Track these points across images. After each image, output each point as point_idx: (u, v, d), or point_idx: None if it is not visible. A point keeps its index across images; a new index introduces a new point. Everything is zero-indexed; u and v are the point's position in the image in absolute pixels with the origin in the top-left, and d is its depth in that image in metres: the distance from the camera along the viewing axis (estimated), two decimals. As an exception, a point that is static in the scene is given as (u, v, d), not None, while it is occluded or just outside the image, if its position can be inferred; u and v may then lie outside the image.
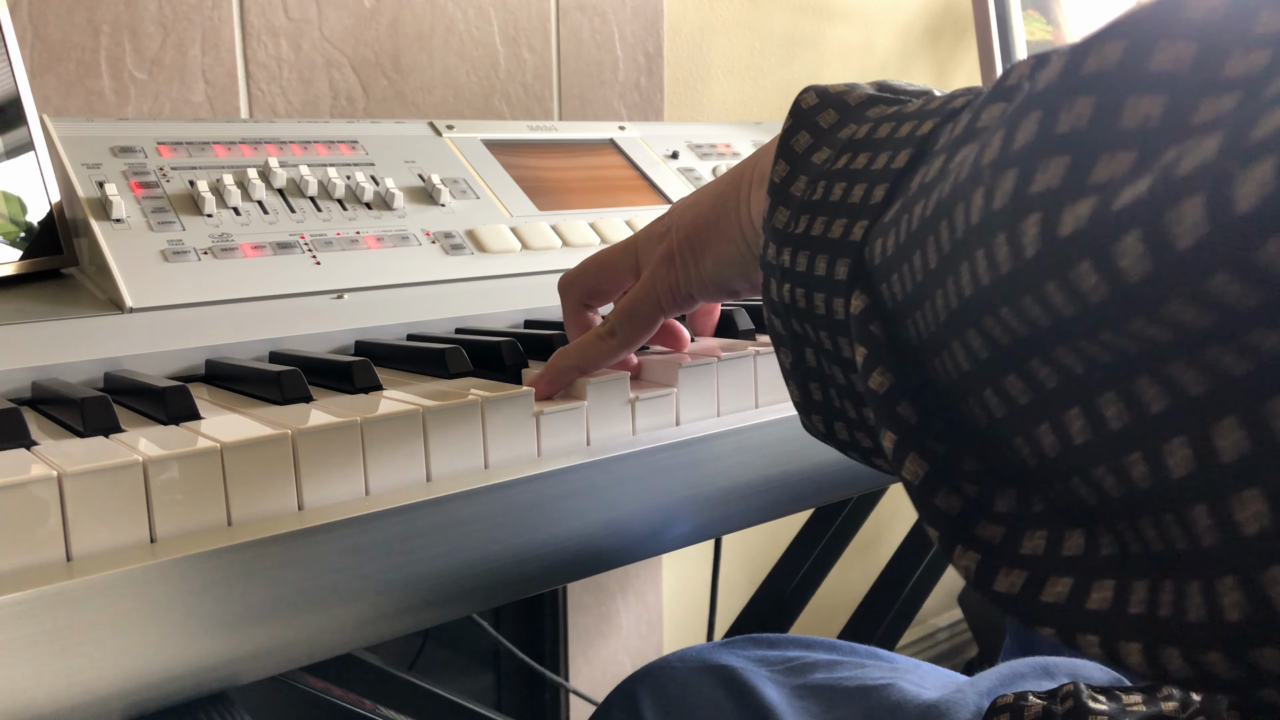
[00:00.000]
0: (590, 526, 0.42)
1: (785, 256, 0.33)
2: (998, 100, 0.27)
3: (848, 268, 0.30)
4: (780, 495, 0.49)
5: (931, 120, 0.30)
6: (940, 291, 0.25)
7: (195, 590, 0.33)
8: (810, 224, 0.32)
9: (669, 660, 0.58)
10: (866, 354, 0.28)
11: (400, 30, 0.94)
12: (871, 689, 0.51)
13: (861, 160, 0.32)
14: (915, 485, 0.26)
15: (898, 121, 0.32)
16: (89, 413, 0.39)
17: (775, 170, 0.35)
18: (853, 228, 0.30)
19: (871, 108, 0.34)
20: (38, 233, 0.59)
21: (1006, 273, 0.22)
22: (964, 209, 0.24)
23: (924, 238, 0.26)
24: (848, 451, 0.35)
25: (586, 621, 1.20)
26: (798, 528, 1.16)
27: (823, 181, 0.33)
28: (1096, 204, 0.20)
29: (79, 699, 0.31)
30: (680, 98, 1.23)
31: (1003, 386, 0.24)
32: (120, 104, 0.80)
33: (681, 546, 0.47)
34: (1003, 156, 0.23)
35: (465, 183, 0.74)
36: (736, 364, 0.50)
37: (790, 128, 0.36)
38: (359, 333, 0.58)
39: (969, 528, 0.25)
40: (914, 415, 0.27)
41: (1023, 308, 0.22)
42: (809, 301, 0.32)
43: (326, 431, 0.37)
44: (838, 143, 0.33)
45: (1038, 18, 1.09)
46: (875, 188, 0.30)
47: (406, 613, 0.38)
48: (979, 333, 0.24)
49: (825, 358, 0.33)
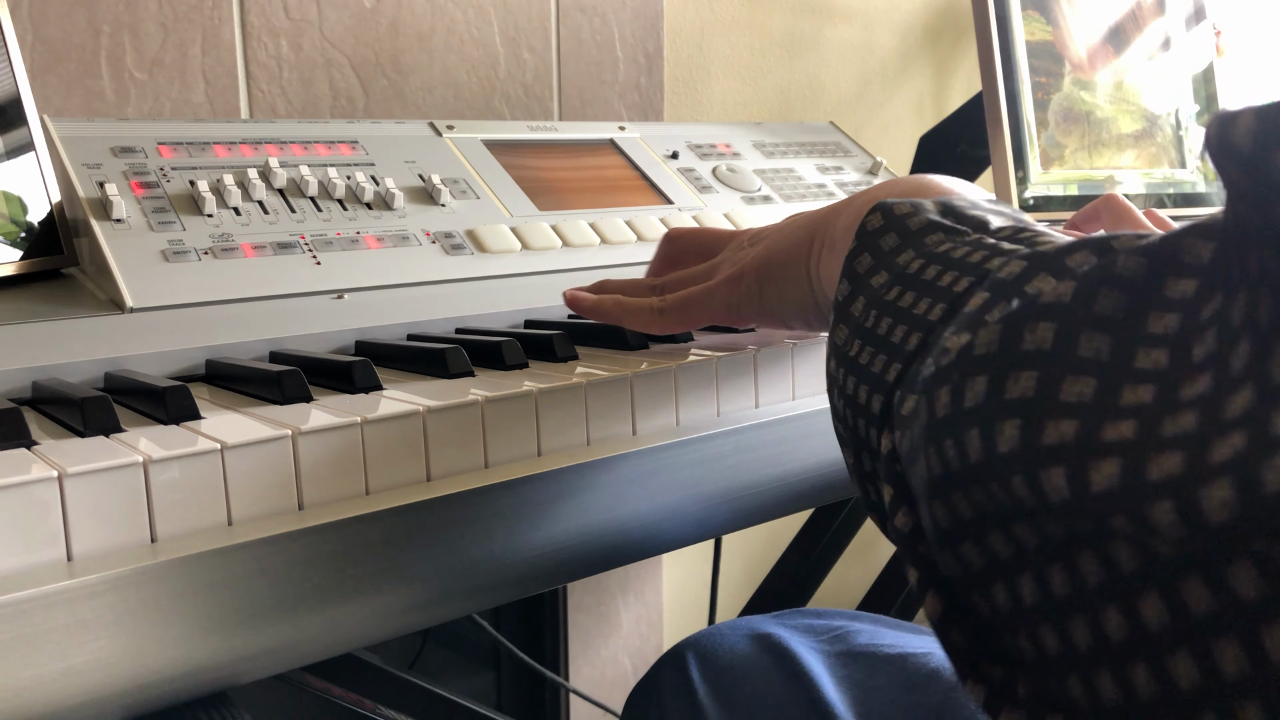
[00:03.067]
0: (590, 526, 0.42)
1: (840, 374, 0.35)
2: (1006, 293, 0.27)
3: (880, 404, 0.32)
4: (780, 495, 0.49)
5: (966, 279, 0.31)
6: (919, 461, 0.26)
7: (195, 590, 0.33)
8: (860, 351, 0.34)
9: (719, 628, 0.61)
10: (893, 494, 0.30)
11: (400, 30, 0.94)
12: (909, 656, 0.53)
13: (908, 299, 0.33)
14: (934, 621, 0.27)
15: (943, 266, 0.33)
16: (89, 413, 0.39)
17: (839, 289, 0.37)
18: (889, 368, 0.32)
19: (930, 235, 0.35)
20: (38, 233, 0.59)
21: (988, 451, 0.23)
22: (982, 440, 0.24)
23: (934, 438, 0.26)
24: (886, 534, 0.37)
25: (586, 621, 1.20)
26: (798, 528, 1.16)
27: (874, 311, 0.34)
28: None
29: (79, 699, 0.31)
30: (680, 98, 1.23)
31: (1016, 584, 0.24)
32: (120, 104, 0.80)
33: (681, 546, 0.47)
34: (954, 415, 0.24)
35: (465, 183, 0.74)
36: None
37: (854, 249, 0.37)
38: (359, 333, 0.58)
39: (975, 664, 0.26)
40: (931, 555, 0.28)
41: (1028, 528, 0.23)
42: (852, 422, 0.34)
43: (327, 431, 0.37)
44: (894, 269, 0.35)
45: (1038, 18, 1.09)
46: (911, 334, 0.32)
47: (407, 612, 0.38)
48: (976, 545, 0.25)
49: (868, 473, 0.35)
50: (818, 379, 0.53)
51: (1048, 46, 1.09)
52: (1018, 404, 0.23)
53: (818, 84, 1.39)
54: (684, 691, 0.57)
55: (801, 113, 1.36)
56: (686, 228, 0.57)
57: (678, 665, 0.58)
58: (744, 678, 0.55)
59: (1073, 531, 0.21)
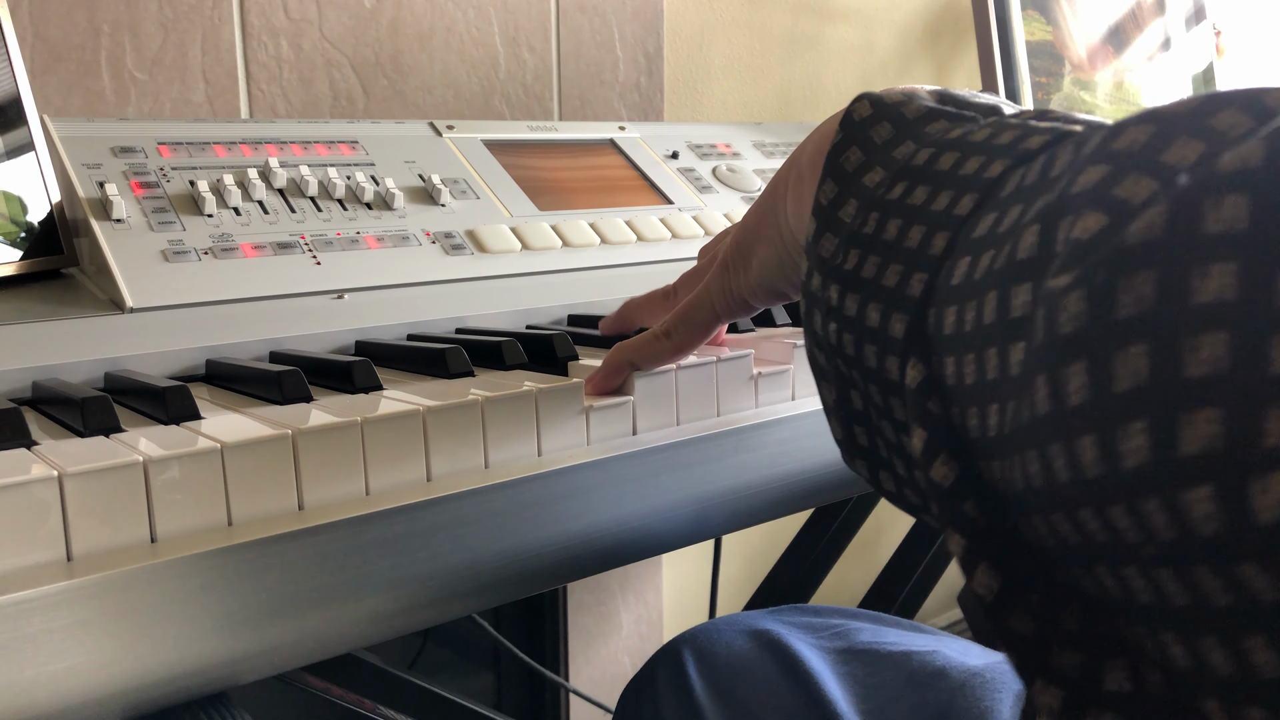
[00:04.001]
0: (590, 526, 0.42)
1: (832, 293, 0.30)
2: (1073, 144, 0.23)
3: (904, 326, 0.27)
4: (780, 495, 0.49)
5: (1001, 162, 0.27)
6: (1023, 396, 0.21)
7: (195, 590, 0.33)
8: (861, 262, 0.29)
9: (715, 624, 0.58)
10: (927, 438, 0.25)
11: (400, 30, 0.94)
12: (914, 654, 0.51)
13: (920, 195, 0.28)
14: (988, 602, 0.23)
15: (962, 153, 0.28)
16: (89, 412, 0.39)
17: (822, 190, 0.32)
18: (910, 279, 0.27)
19: (931, 123, 0.31)
20: (38, 233, 0.59)
21: (1118, 393, 0.18)
22: (1045, 320, 0.20)
23: (1000, 332, 0.22)
24: (893, 501, 0.32)
25: (586, 621, 1.20)
26: (798, 528, 1.16)
27: (875, 213, 0.29)
28: None
29: (79, 699, 0.31)
30: (680, 98, 1.23)
31: (1078, 518, 0.20)
32: (120, 104, 0.80)
33: (681, 547, 0.47)
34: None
35: (465, 183, 0.74)
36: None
37: (840, 142, 0.32)
38: (359, 333, 0.58)
39: (1046, 654, 0.22)
40: (981, 516, 0.23)
41: (1123, 437, 0.18)
42: (858, 350, 0.29)
43: (327, 431, 0.37)
44: (893, 164, 0.30)
45: (1038, 18, 1.09)
46: (935, 234, 0.27)
47: (406, 613, 0.38)
48: (1064, 451, 0.20)
49: (874, 409, 0.30)
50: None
51: (1048, 46, 1.09)
52: (1213, 310, 0.17)
53: (818, 84, 1.39)
54: (680, 687, 0.56)
55: (801, 113, 1.36)
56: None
57: (674, 661, 0.57)
58: (742, 674, 0.54)
59: None
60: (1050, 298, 0.20)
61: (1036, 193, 0.24)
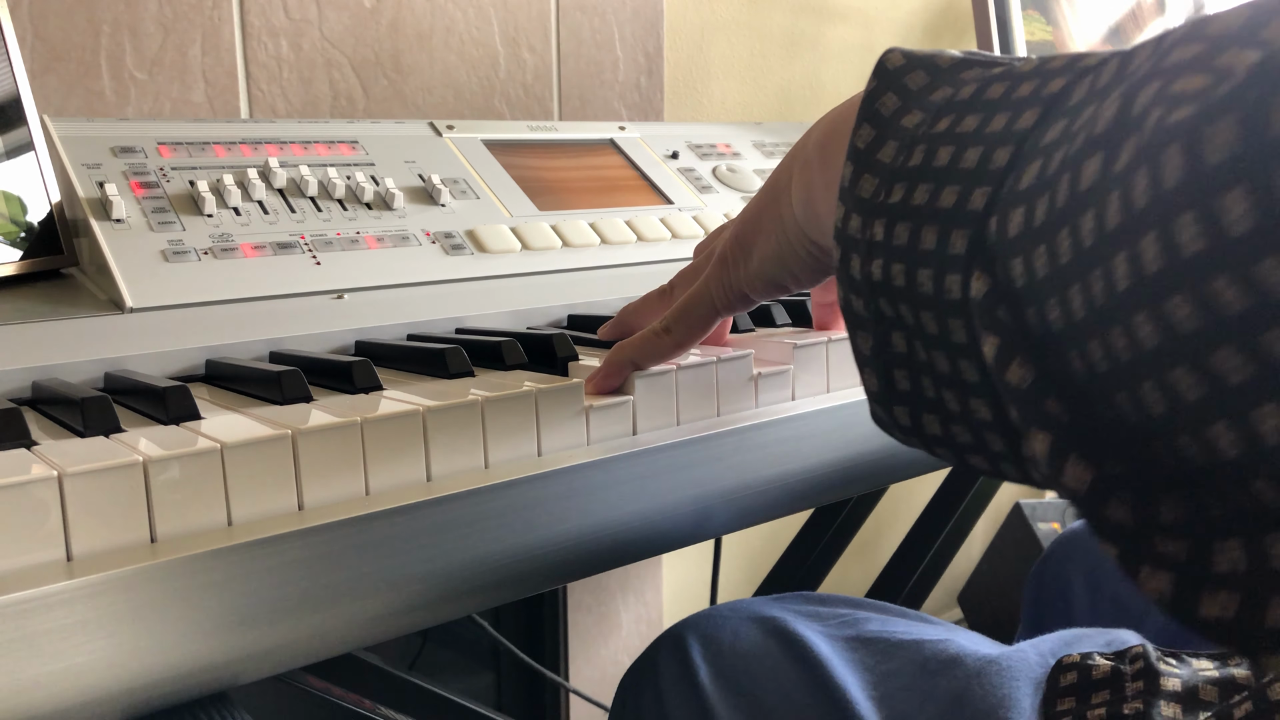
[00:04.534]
0: (590, 526, 0.42)
1: (876, 229, 0.30)
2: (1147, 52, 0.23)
3: (966, 240, 0.27)
4: (780, 495, 0.49)
5: (1060, 79, 0.27)
6: (1101, 271, 0.22)
7: (195, 590, 0.33)
8: (910, 192, 0.29)
9: (718, 610, 0.57)
10: (1000, 343, 0.25)
11: (400, 30, 0.94)
12: (926, 643, 0.50)
13: (970, 123, 0.29)
14: (1082, 495, 0.23)
15: (1012, 81, 0.29)
16: (89, 413, 0.39)
17: (858, 135, 0.32)
18: (970, 195, 0.27)
19: (965, 70, 0.31)
20: (38, 233, 0.59)
21: (1199, 251, 0.19)
22: (1149, 172, 0.20)
23: (1078, 210, 0.23)
24: (935, 448, 0.32)
25: (586, 621, 1.20)
26: (798, 527, 1.16)
27: (921, 146, 0.30)
28: None
29: (79, 699, 0.31)
30: (680, 98, 1.23)
31: (1169, 381, 0.20)
32: (120, 104, 0.80)
33: (681, 547, 0.47)
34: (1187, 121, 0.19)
35: (465, 183, 0.74)
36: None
37: (874, 89, 0.33)
38: (359, 333, 0.58)
39: (1150, 542, 0.22)
40: (1064, 412, 0.24)
41: (1211, 293, 0.19)
42: (910, 279, 0.29)
43: (327, 431, 0.37)
44: (932, 106, 0.31)
45: (1038, 18, 1.09)
46: (995, 151, 0.27)
47: (406, 613, 0.38)
48: (1152, 318, 0.20)
49: (923, 342, 0.30)
50: (817, 379, 0.53)
51: (1048, 46, 1.09)
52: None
53: (818, 84, 1.39)
54: (684, 673, 0.54)
55: (801, 113, 1.36)
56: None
57: (677, 647, 0.55)
58: (748, 659, 0.52)
59: None
60: (1152, 151, 0.20)
61: (1114, 86, 0.24)
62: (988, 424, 0.29)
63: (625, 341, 0.47)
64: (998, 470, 0.30)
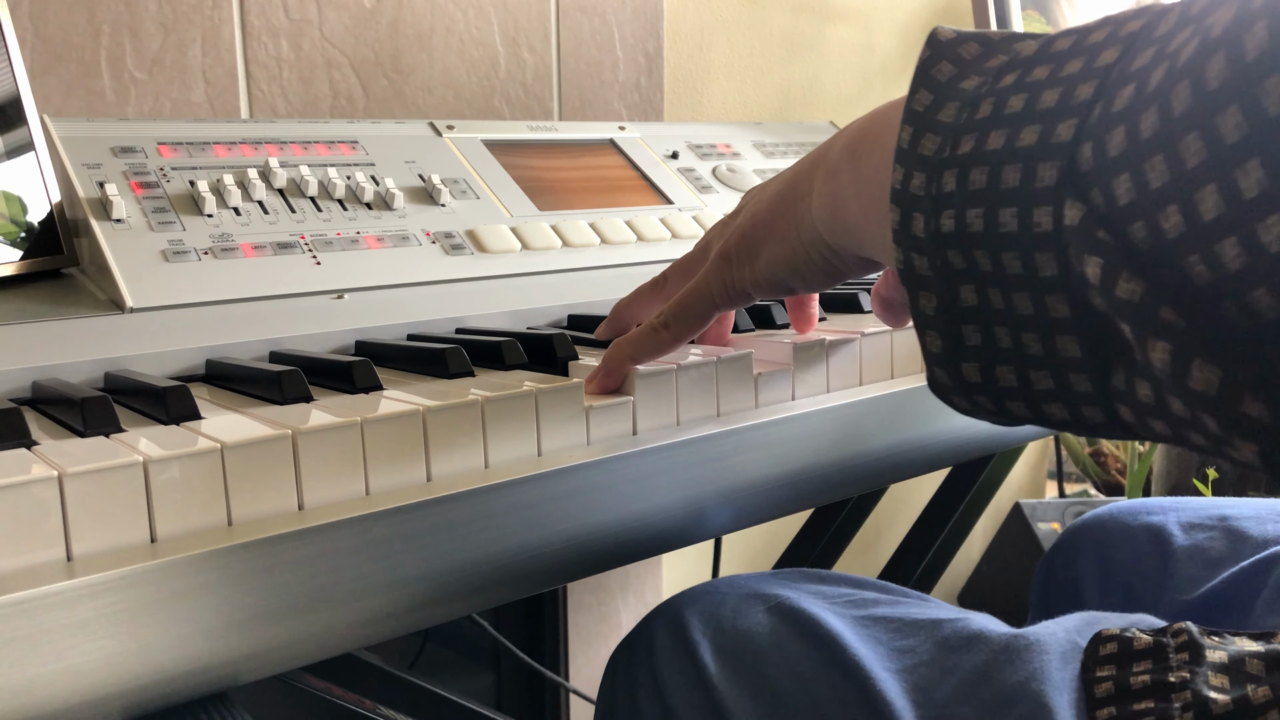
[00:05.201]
0: (590, 526, 0.42)
1: (947, 179, 0.31)
2: None
3: (1056, 171, 0.28)
4: (780, 495, 0.49)
5: (1137, 21, 0.28)
6: (1214, 186, 0.22)
7: (195, 590, 0.33)
8: (982, 140, 0.30)
9: (715, 585, 0.55)
10: (1104, 263, 0.25)
11: (400, 30, 0.94)
12: (943, 621, 0.48)
13: (1041, 72, 0.30)
14: (1213, 395, 0.23)
15: (1079, 35, 0.29)
16: (89, 413, 0.39)
17: (915, 99, 0.33)
18: (1054, 130, 0.28)
19: (1018, 40, 0.32)
20: (38, 233, 0.59)
21: None
22: None
23: (1209, 111, 0.23)
24: (1007, 402, 0.32)
25: (586, 621, 1.20)
26: (798, 527, 1.16)
27: (989, 99, 0.30)
28: None
29: (79, 699, 0.31)
30: (680, 98, 1.23)
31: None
32: (120, 104, 0.80)
33: (681, 546, 0.47)
34: None
35: (465, 183, 0.74)
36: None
37: (929, 58, 0.33)
38: (359, 333, 0.58)
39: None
40: (1180, 319, 0.24)
41: None
42: (989, 221, 0.29)
43: (327, 431, 0.37)
44: (990, 71, 0.32)
45: (1038, 18, 1.09)
46: (1077, 88, 0.28)
47: (406, 613, 0.38)
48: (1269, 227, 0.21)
49: (1002, 286, 0.30)
50: (817, 379, 0.53)
51: (1048, 46, 1.09)
52: None
53: (818, 84, 1.39)
54: (682, 650, 0.51)
55: (801, 113, 1.36)
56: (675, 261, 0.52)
57: (674, 620, 0.52)
58: (753, 637, 0.50)
59: None
60: None
61: (1212, 9, 0.24)
62: (1074, 362, 0.29)
63: (623, 338, 0.47)
64: (1078, 416, 0.30)
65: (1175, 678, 0.40)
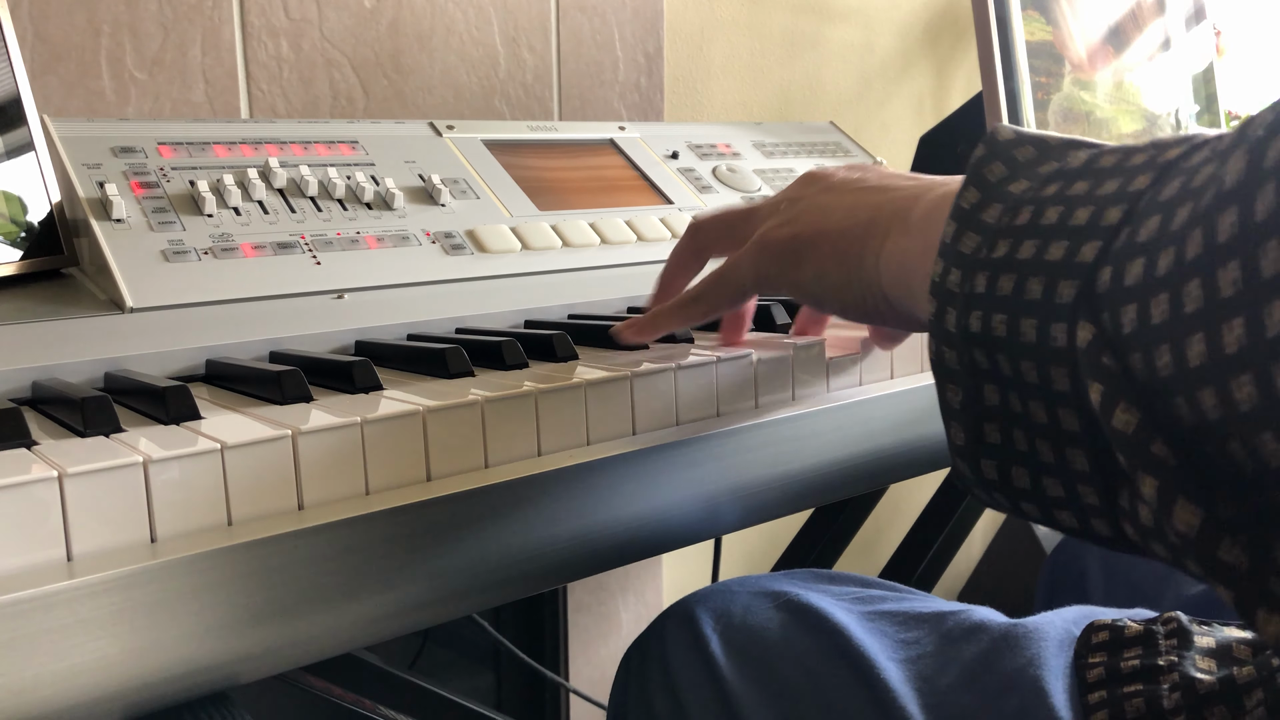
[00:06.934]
0: (590, 526, 0.42)
1: (978, 280, 0.31)
2: None
3: (1074, 289, 0.28)
4: (780, 495, 0.49)
5: (1176, 148, 0.29)
6: (1202, 335, 0.23)
7: (195, 590, 0.33)
8: (1015, 248, 0.31)
9: (726, 584, 0.56)
10: (1104, 390, 0.26)
11: (400, 30, 0.94)
12: (946, 614, 0.50)
13: (1081, 187, 0.30)
14: (1193, 538, 0.23)
15: (1124, 154, 0.30)
16: (89, 413, 0.39)
17: (964, 197, 0.34)
18: (1079, 249, 0.29)
19: (1074, 149, 0.33)
20: (38, 233, 0.59)
21: None
22: None
23: (1217, 261, 0.23)
24: (1021, 503, 0.33)
25: (586, 621, 1.20)
26: (798, 527, 1.16)
27: (1029, 208, 0.31)
28: None
29: (79, 699, 0.31)
30: (680, 98, 1.23)
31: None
32: (120, 104, 0.80)
33: (681, 546, 0.47)
34: None
35: (465, 183, 0.74)
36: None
37: (984, 156, 0.34)
38: (359, 333, 0.58)
39: (1266, 584, 0.22)
40: (1171, 456, 0.24)
41: None
42: (1012, 328, 0.30)
43: (327, 432, 0.37)
44: (1038, 176, 0.33)
45: (1038, 18, 1.09)
46: (1107, 210, 0.29)
47: (406, 613, 0.38)
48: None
49: (1020, 392, 0.31)
50: (816, 380, 0.53)
51: (1048, 46, 1.09)
52: None
53: (818, 84, 1.39)
54: (693, 646, 0.52)
55: (801, 113, 1.36)
56: (710, 214, 0.52)
57: (685, 618, 0.54)
58: (762, 632, 0.51)
59: None
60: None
61: (1237, 145, 0.25)
62: (1083, 475, 0.29)
63: (663, 309, 0.50)
64: (1086, 527, 0.30)
65: (1164, 661, 0.42)
